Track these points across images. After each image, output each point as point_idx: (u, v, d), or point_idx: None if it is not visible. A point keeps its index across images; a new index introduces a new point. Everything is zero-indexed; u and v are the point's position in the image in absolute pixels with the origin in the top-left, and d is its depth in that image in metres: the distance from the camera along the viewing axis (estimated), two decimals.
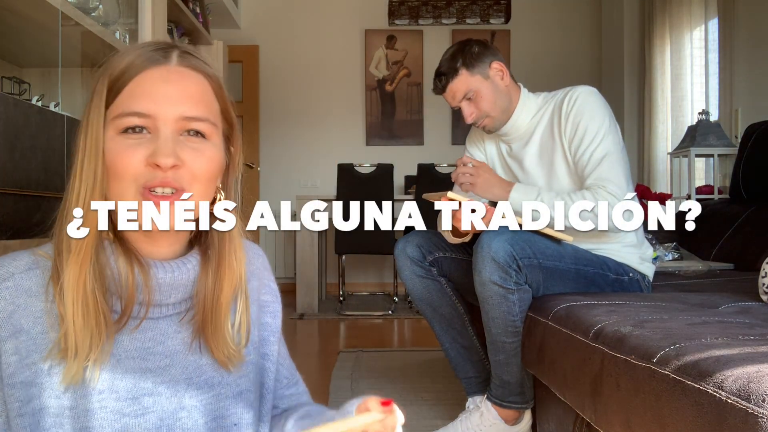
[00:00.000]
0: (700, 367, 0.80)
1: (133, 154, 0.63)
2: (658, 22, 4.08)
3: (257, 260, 0.83)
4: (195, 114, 0.66)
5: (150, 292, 0.67)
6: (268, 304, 0.83)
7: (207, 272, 0.70)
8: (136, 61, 0.65)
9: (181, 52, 0.68)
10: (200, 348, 0.71)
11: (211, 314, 0.70)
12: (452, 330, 1.74)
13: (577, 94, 1.58)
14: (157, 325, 0.69)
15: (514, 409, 1.57)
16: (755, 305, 1.30)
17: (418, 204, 0.78)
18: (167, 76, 0.66)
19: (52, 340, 0.63)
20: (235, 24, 4.94)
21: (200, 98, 0.68)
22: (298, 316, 3.80)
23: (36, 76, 2.03)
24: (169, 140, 0.64)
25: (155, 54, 0.66)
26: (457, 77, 1.63)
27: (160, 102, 0.64)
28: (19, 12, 1.66)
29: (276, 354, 0.82)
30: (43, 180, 1.22)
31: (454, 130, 5.06)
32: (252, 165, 5.03)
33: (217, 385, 0.71)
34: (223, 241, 0.71)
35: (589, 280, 1.54)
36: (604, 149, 1.51)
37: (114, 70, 0.66)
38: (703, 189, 3.29)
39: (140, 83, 0.65)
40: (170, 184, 0.64)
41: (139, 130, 0.64)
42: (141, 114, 0.64)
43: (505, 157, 1.74)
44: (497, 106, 1.64)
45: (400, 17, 4.62)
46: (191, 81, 0.67)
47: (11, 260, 0.65)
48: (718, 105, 3.49)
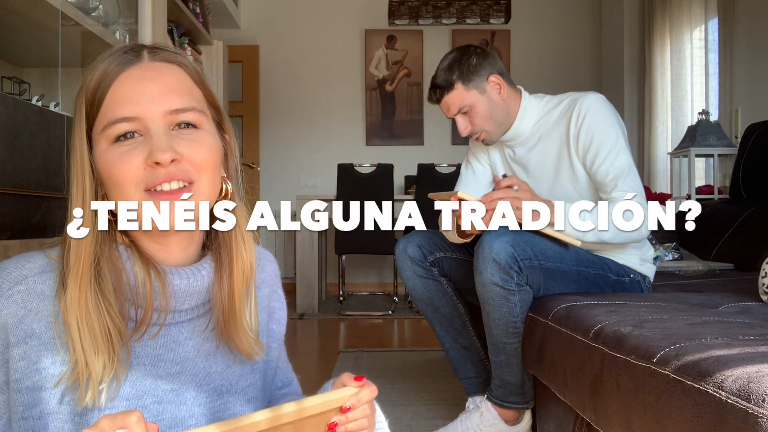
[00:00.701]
0: (700, 367, 0.80)
1: (130, 160, 0.62)
2: (658, 22, 4.08)
3: (269, 267, 0.82)
4: (181, 105, 0.65)
5: (167, 299, 0.66)
6: (276, 311, 0.83)
7: (221, 276, 0.70)
8: (108, 69, 0.64)
9: (151, 48, 0.67)
10: (226, 347, 0.71)
11: (230, 314, 0.70)
12: (453, 330, 1.74)
13: (588, 104, 1.55)
14: (169, 332, 0.68)
15: (515, 410, 1.57)
16: (755, 305, 1.30)
17: (419, 204, 0.78)
18: (143, 74, 0.65)
19: (62, 345, 0.61)
20: (235, 24, 4.94)
21: (182, 89, 0.66)
22: (298, 316, 3.80)
23: (36, 76, 2.02)
24: (162, 136, 0.63)
25: (125, 56, 0.65)
26: (453, 91, 1.60)
27: (143, 102, 0.63)
28: (19, 12, 1.65)
29: (276, 360, 0.83)
30: (43, 180, 1.22)
31: (454, 131, 5.06)
32: (252, 165, 5.03)
33: (226, 393, 0.71)
34: (231, 237, 0.71)
35: (590, 282, 1.54)
36: (625, 161, 1.51)
37: (89, 84, 0.64)
38: (703, 189, 3.29)
39: (118, 89, 0.64)
40: (176, 177, 0.63)
41: (130, 135, 0.63)
42: (127, 118, 0.63)
43: (509, 162, 1.73)
44: (492, 120, 1.62)
45: (400, 17, 4.62)
46: (168, 74, 0.66)
47: (25, 262, 0.64)
48: (718, 105, 3.48)
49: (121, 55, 0.65)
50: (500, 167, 1.76)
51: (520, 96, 1.66)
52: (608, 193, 1.52)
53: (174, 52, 0.69)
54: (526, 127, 1.65)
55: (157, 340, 0.67)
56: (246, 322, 0.71)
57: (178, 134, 0.65)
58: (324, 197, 3.97)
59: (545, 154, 1.63)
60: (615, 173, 1.51)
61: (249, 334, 0.71)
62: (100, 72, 0.64)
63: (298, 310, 3.91)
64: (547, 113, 1.64)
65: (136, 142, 0.63)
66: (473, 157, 1.81)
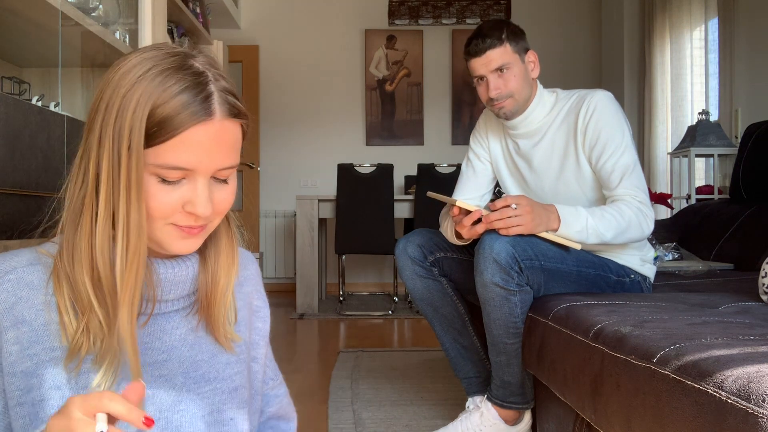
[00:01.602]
0: (700, 367, 0.80)
1: (170, 200, 0.65)
2: (658, 22, 4.08)
3: (251, 266, 0.86)
4: (229, 164, 0.67)
5: (153, 288, 0.69)
6: (259, 309, 0.86)
7: (207, 269, 0.74)
8: (182, 114, 0.63)
9: (220, 93, 0.66)
10: (204, 331, 0.74)
11: (212, 305, 0.73)
12: (453, 330, 1.74)
13: (596, 100, 1.56)
14: (156, 321, 0.71)
15: (515, 410, 1.57)
16: (755, 305, 1.30)
17: (418, 204, 0.78)
18: (212, 134, 0.65)
19: (53, 332, 0.64)
20: (235, 24, 4.94)
21: (235, 147, 0.68)
22: (298, 316, 3.80)
23: (36, 76, 2.02)
24: (205, 190, 0.65)
25: (201, 107, 0.64)
26: (500, 47, 1.58)
27: (204, 160, 0.64)
28: (19, 12, 1.65)
29: (263, 357, 0.85)
30: (43, 180, 1.22)
31: (454, 131, 5.06)
32: (252, 165, 5.03)
33: (213, 380, 0.73)
34: (220, 234, 0.75)
35: (590, 282, 1.54)
36: (631, 159, 1.53)
37: (155, 112, 0.63)
38: (703, 189, 3.29)
39: (186, 139, 0.63)
40: (201, 223, 0.67)
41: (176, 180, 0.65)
42: (185, 169, 0.64)
43: (513, 155, 1.72)
44: (523, 91, 1.62)
45: (400, 17, 4.63)
46: (231, 133, 0.67)
47: (14, 255, 0.67)
48: (718, 105, 3.49)
49: (196, 103, 0.64)
50: (502, 162, 1.76)
51: (537, 85, 1.67)
52: (612, 190, 1.53)
53: (240, 102, 0.69)
54: (537, 117, 1.65)
55: (145, 329, 0.70)
56: (224, 315, 0.75)
57: (213, 182, 0.67)
58: (324, 197, 3.97)
59: (551, 149, 1.63)
60: (620, 170, 1.51)
61: (228, 326, 0.75)
62: (171, 110, 0.63)
63: (298, 310, 3.91)
64: (556, 108, 1.65)
65: (180, 185, 0.65)
66: (474, 155, 1.80)
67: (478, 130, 1.82)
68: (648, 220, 1.50)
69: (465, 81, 5.04)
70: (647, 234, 1.52)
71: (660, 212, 3.79)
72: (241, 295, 0.81)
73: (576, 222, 1.44)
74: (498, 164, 1.77)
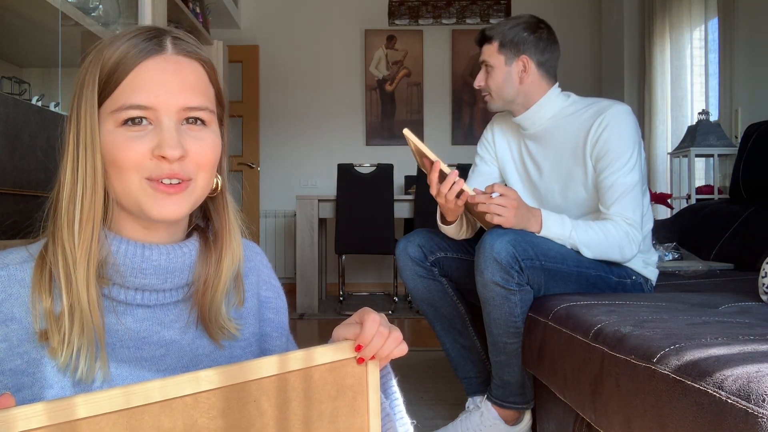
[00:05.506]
0: (700, 367, 0.80)
1: (137, 147, 0.63)
2: (658, 22, 4.08)
3: (255, 257, 0.84)
4: (196, 104, 0.66)
5: (144, 276, 0.66)
6: (270, 300, 0.83)
7: (208, 260, 0.71)
8: (130, 53, 0.64)
9: (174, 38, 0.68)
10: (195, 325, 0.71)
11: (210, 295, 0.71)
12: (453, 330, 1.74)
13: (613, 113, 1.56)
14: (154, 313, 0.68)
15: (515, 410, 1.57)
16: (755, 305, 1.30)
17: (419, 204, 0.78)
18: (165, 66, 0.65)
19: (41, 329, 0.63)
20: (235, 24, 4.94)
21: (199, 86, 0.67)
22: (298, 316, 3.80)
23: (36, 76, 2.03)
24: (173, 131, 0.64)
25: (149, 44, 0.65)
26: (489, 45, 1.67)
27: (160, 93, 0.64)
28: (19, 12, 1.66)
29: (282, 349, 0.82)
30: (43, 180, 1.22)
31: (454, 131, 5.06)
32: (252, 165, 5.03)
33: None
34: (224, 225, 0.73)
35: (591, 283, 1.54)
36: (633, 180, 1.52)
37: (106, 62, 0.64)
38: (703, 189, 3.29)
39: (138, 75, 0.64)
40: (177, 175, 0.65)
41: (139, 121, 0.64)
42: (142, 106, 0.63)
43: (524, 158, 1.73)
44: (501, 92, 1.66)
45: (400, 17, 4.62)
46: (189, 70, 0.67)
47: (6, 254, 0.66)
48: (718, 105, 3.48)
49: (144, 42, 0.65)
50: (510, 165, 1.77)
51: (549, 89, 1.67)
52: (606, 207, 1.53)
53: (196, 46, 0.69)
54: (542, 117, 1.66)
55: (142, 323, 0.67)
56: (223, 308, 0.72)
57: (187, 130, 0.66)
58: (324, 197, 3.97)
59: (562, 155, 1.64)
60: (620, 189, 1.51)
61: (227, 320, 0.73)
62: (120, 53, 0.64)
63: (298, 310, 3.91)
64: (567, 110, 1.65)
65: (146, 131, 0.64)
66: (480, 158, 1.83)
67: (484, 134, 1.85)
68: (632, 245, 1.50)
69: (465, 81, 5.04)
70: (628, 258, 1.52)
71: (660, 212, 3.79)
72: (247, 286, 0.79)
73: (558, 229, 1.48)
74: (505, 167, 1.77)
